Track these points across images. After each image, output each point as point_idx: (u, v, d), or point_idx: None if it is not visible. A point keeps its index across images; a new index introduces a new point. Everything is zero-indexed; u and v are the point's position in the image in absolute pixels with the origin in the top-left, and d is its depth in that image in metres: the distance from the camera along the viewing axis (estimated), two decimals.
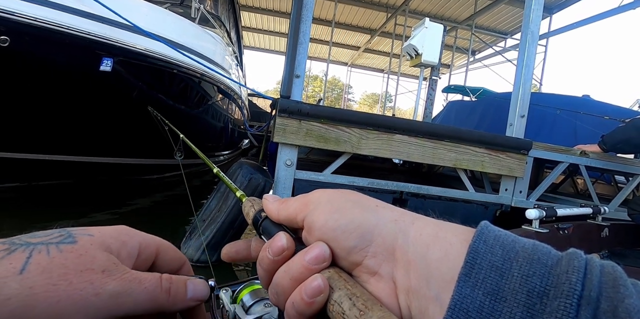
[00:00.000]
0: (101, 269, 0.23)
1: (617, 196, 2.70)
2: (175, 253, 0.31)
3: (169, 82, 3.40)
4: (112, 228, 0.28)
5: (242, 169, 2.10)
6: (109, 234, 0.26)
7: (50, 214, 2.84)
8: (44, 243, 0.23)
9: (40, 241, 0.23)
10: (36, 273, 0.21)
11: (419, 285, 0.21)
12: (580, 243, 1.86)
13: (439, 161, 2.10)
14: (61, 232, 0.25)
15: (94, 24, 2.58)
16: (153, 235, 0.29)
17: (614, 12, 7.43)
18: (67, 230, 0.25)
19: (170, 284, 0.26)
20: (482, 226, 0.22)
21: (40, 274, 0.21)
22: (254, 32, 14.37)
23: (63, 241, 0.24)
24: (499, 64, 11.61)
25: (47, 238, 0.24)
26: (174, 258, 0.30)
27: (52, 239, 0.24)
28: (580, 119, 4.24)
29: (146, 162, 3.98)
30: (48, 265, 0.22)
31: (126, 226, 0.29)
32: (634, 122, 2.26)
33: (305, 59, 2.02)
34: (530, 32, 2.43)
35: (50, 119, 2.89)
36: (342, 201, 0.26)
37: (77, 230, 0.25)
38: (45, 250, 0.22)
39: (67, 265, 0.22)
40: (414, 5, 10.09)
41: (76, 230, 0.25)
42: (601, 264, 0.19)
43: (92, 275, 0.23)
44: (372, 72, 19.02)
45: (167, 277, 0.27)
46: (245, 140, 7.45)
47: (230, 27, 6.03)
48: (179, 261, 0.31)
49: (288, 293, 0.24)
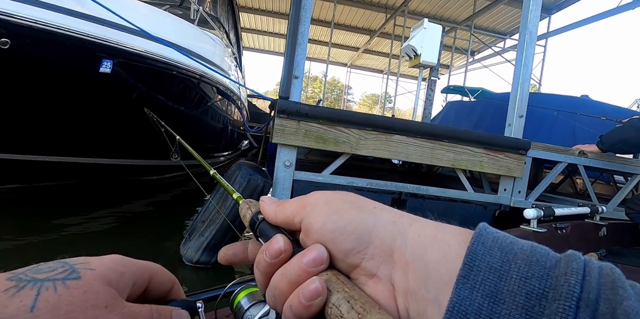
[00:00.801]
0: (104, 305, 0.24)
1: (616, 196, 2.70)
2: (166, 275, 0.31)
3: (168, 84, 3.40)
4: (109, 259, 0.28)
5: (241, 170, 2.11)
6: (107, 267, 0.27)
7: (50, 215, 2.84)
8: (50, 279, 0.23)
9: (47, 276, 0.24)
10: (45, 311, 0.22)
11: (417, 287, 0.21)
12: (578, 242, 1.87)
13: (437, 161, 2.10)
14: (64, 266, 0.25)
15: (93, 26, 2.59)
16: (146, 262, 0.30)
17: (613, 12, 7.44)
18: (69, 264, 0.25)
19: (160, 316, 0.27)
20: (480, 227, 0.22)
21: (49, 312, 0.22)
22: (254, 33, 14.39)
23: (68, 277, 0.24)
24: (498, 65, 11.63)
25: (53, 274, 0.24)
26: (165, 280, 0.31)
27: (57, 275, 0.24)
28: (578, 120, 4.25)
29: (146, 163, 3.99)
30: (56, 302, 0.22)
31: (121, 256, 0.29)
32: (632, 123, 2.26)
33: (303, 60, 2.03)
34: (528, 32, 2.43)
35: (51, 121, 2.90)
36: (339, 202, 0.26)
37: (78, 264, 0.26)
38: (53, 287, 0.23)
39: (73, 302, 0.23)
40: (413, 5, 10.11)
41: (77, 264, 0.26)
42: (599, 266, 0.19)
43: (96, 311, 0.23)
44: (371, 73, 19.03)
45: (157, 309, 0.28)
46: (244, 141, 7.45)
47: (230, 28, 6.04)
48: (169, 282, 0.31)
49: (286, 295, 0.24)
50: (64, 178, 3.46)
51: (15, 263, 1.28)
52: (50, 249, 2.26)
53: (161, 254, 2.39)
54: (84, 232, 2.64)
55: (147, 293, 0.30)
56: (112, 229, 2.80)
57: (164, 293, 0.31)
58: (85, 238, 2.53)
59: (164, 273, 0.31)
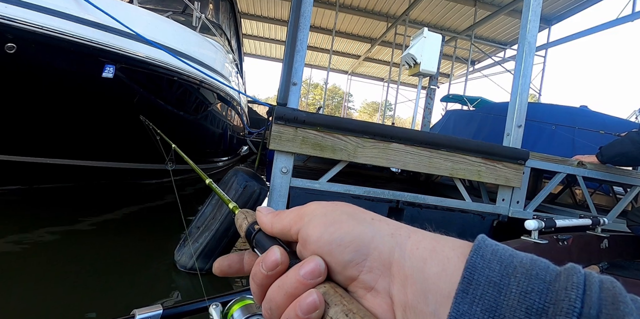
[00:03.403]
0: None
1: (615, 207, 2.68)
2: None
3: (169, 89, 3.44)
4: None
5: (237, 177, 2.09)
6: None
7: (51, 217, 2.86)
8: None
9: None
10: None
11: (416, 301, 0.21)
12: (579, 254, 1.84)
13: (435, 170, 2.09)
14: None
15: (97, 32, 2.66)
16: None
17: (613, 24, 7.51)
18: None
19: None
20: (479, 239, 0.22)
21: None
22: (255, 40, 14.51)
23: None
24: (498, 74, 11.70)
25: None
26: None
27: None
28: (577, 134, 4.26)
29: (145, 167, 4.01)
30: None
31: None
32: (630, 136, 2.26)
33: (302, 67, 2.03)
34: (527, 42, 2.44)
35: (54, 124, 2.95)
36: (337, 213, 0.25)
37: None
38: None
39: None
40: (414, 15, 10.20)
41: None
42: (600, 280, 0.19)
43: None
44: (372, 81, 19.14)
45: None
46: (244, 146, 7.46)
47: (231, 35, 6.09)
48: None
49: (282, 308, 0.23)
50: (65, 181, 3.50)
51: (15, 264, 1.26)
52: (48, 251, 2.26)
53: (156, 260, 2.36)
54: (80, 235, 2.64)
55: None
56: (108, 233, 2.79)
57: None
58: (81, 241, 2.52)
59: None
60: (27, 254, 2.17)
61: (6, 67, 2.41)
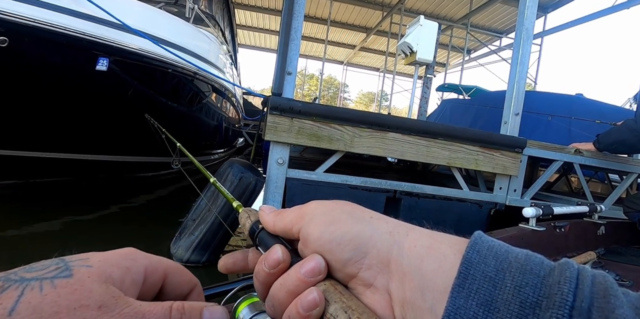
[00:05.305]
0: (97, 305, 0.21)
1: (612, 195, 2.69)
2: (185, 275, 0.29)
3: (163, 81, 3.41)
4: (116, 253, 0.25)
5: (233, 168, 2.07)
6: (110, 262, 0.24)
7: (48, 211, 2.86)
8: (38, 278, 0.21)
9: (35, 276, 0.21)
10: (26, 314, 0.19)
11: (413, 297, 0.21)
12: (576, 240, 1.85)
13: (432, 160, 2.08)
14: (58, 264, 0.22)
15: (90, 24, 2.64)
16: (161, 257, 0.27)
17: (608, 11, 7.47)
18: (65, 261, 0.23)
19: (182, 315, 0.24)
20: (475, 236, 0.23)
21: (30, 315, 0.19)
22: (249, 30, 14.32)
23: (58, 276, 0.21)
24: (495, 63, 11.65)
25: (43, 272, 0.21)
26: (184, 281, 0.28)
27: (47, 273, 0.21)
28: (573, 123, 4.27)
29: (141, 160, 3.99)
30: (39, 304, 0.20)
31: (133, 248, 0.27)
32: (627, 124, 2.25)
33: (297, 56, 1.99)
34: (524, 29, 2.41)
35: (48, 117, 2.92)
36: (337, 212, 0.26)
37: (75, 260, 0.23)
38: (39, 286, 0.20)
39: (59, 302, 0.20)
40: (410, 3, 10.09)
41: (75, 260, 0.23)
42: (593, 274, 0.19)
43: (86, 312, 0.20)
44: (368, 71, 19.03)
45: (179, 307, 0.24)
46: (240, 138, 7.42)
47: (225, 26, 6.01)
48: (189, 284, 0.29)
49: (285, 306, 0.24)
50: (62, 175, 3.49)
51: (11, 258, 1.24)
52: (44, 245, 2.26)
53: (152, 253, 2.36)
54: (76, 229, 2.64)
55: (163, 294, 0.27)
56: (104, 226, 2.80)
57: (180, 296, 0.28)
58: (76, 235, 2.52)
59: (183, 272, 0.29)
60: (23, 248, 2.16)
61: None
